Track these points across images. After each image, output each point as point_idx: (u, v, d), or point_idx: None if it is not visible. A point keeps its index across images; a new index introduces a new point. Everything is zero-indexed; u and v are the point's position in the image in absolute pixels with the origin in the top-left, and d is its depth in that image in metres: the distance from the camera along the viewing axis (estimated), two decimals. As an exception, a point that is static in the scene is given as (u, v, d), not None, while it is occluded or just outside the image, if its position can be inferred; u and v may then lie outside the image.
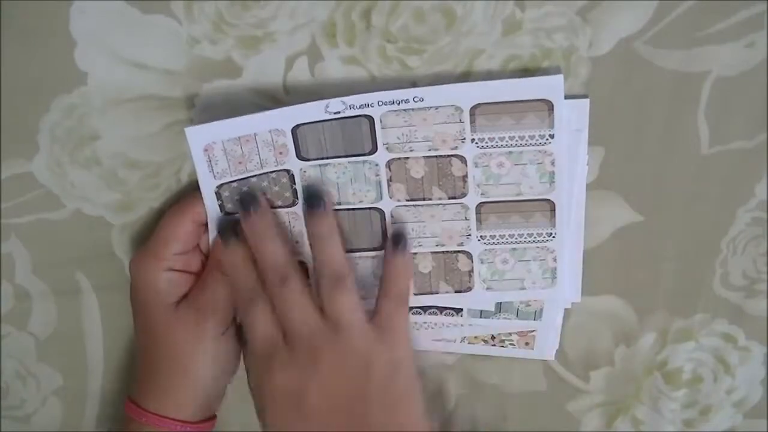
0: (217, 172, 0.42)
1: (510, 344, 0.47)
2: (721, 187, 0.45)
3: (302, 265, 0.45)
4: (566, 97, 0.41)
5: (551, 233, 0.43)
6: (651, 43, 0.42)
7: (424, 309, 0.46)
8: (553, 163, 0.42)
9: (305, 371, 0.40)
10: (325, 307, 0.41)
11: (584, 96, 0.43)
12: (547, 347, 0.47)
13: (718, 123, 0.43)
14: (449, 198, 0.43)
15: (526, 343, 0.47)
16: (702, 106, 0.43)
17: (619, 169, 0.44)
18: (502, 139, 0.42)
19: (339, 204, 0.43)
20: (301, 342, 0.40)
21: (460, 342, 0.47)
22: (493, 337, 0.47)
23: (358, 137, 0.42)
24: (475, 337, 0.47)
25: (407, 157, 0.42)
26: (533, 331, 0.46)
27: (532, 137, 0.42)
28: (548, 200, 0.43)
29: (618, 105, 0.43)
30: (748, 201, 0.45)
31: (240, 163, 0.42)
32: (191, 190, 0.44)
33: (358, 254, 0.44)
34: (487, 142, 0.42)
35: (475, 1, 0.42)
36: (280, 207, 0.44)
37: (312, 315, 0.41)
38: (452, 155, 0.42)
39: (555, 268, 0.44)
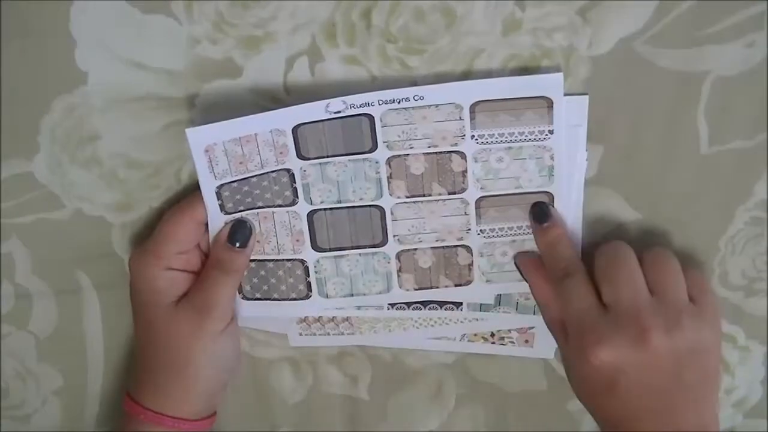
0: (218, 173, 0.42)
1: (510, 342, 0.47)
2: (720, 186, 0.45)
3: (302, 264, 0.45)
4: (565, 95, 0.41)
5: None
6: (651, 43, 0.42)
7: (424, 305, 0.46)
8: (552, 158, 0.42)
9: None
10: None
11: (584, 93, 0.43)
12: (546, 345, 0.47)
13: (718, 122, 0.43)
14: (449, 193, 0.43)
15: (526, 341, 0.47)
16: (702, 105, 0.43)
17: (619, 167, 0.44)
18: (501, 135, 0.42)
19: (339, 202, 0.44)
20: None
21: (460, 340, 0.47)
22: (492, 335, 0.47)
23: (358, 136, 0.42)
24: (475, 335, 0.47)
25: (407, 154, 0.43)
26: (533, 328, 0.46)
27: (531, 133, 0.42)
28: (547, 192, 0.43)
29: (618, 104, 0.43)
30: (748, 200, 0.45)
31: (241, 163, 0.42)
32: (192, 190, 0.44)
33: (358, 251, 0.45)
34: (486, 139, 0.42)
35: (475, 1, 0.42)
36: (281, 206, 0.44)
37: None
38: (452, 151, 0.42)
39: None
